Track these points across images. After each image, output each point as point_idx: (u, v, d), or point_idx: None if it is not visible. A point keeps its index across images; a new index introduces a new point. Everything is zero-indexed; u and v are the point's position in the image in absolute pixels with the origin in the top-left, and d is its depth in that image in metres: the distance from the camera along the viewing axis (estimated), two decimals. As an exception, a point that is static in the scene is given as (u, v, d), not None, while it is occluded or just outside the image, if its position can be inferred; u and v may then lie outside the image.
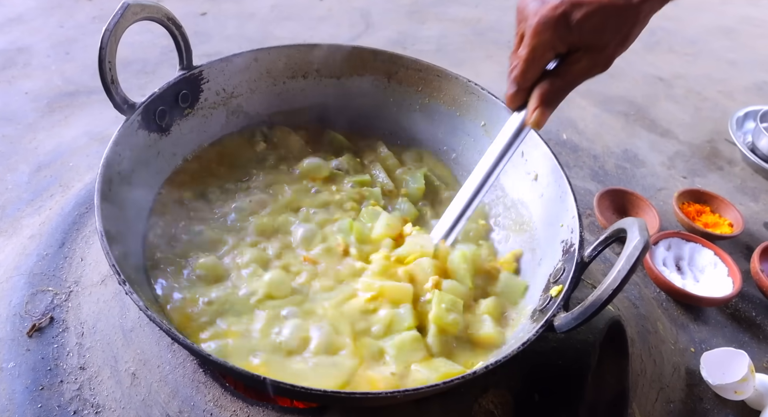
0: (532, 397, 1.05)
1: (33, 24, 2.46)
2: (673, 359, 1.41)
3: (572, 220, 1.04)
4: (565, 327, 0.86)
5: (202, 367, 1.02)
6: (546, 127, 2.07)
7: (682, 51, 2.98)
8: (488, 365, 0.82)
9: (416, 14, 3.01)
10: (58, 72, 2.15)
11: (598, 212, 1.72)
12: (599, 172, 2.04)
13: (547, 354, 1.08)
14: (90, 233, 1.30)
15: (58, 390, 1.05)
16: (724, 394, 1.36)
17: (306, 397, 0.89)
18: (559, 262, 1.03)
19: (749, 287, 1.64)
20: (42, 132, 1.84)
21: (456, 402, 1.01)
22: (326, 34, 2.52)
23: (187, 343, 0.78)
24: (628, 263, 0.79)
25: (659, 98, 2.56)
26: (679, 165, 2.16)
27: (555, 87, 0.95)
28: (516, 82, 0.96)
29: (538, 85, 0.97)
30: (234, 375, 0.89)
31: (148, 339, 1.06)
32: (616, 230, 0.91)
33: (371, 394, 0.82)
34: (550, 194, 1.15)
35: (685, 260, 1.65)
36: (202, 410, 0.97)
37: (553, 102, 0.98)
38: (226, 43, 2.39)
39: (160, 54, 2.34)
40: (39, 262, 1.25)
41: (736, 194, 2.05)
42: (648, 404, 1.29)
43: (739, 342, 1.52)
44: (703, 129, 2.38)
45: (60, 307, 1.17)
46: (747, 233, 1.85)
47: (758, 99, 2.62)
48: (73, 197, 1.41)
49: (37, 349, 1.10)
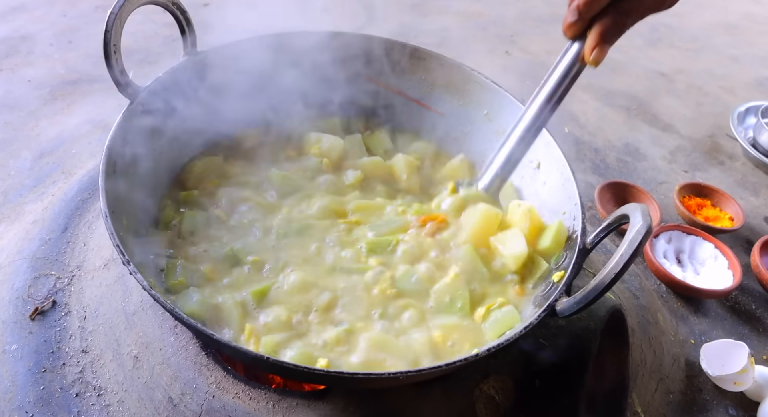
0: (533, 383, 1.05)
1: (36, 13, 2.46)
2: (673, 350, 1.42)
3: (574, 207, 1.05)
4: (567, 311, 0.86)
5: (204, 349, 1.02)
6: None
7: (683, 46, 2.98)
8: (490, 348, 0.83)
9: (419, 7, 3.00)
10: (60, 60, 2.15)
11: (600, 205, 1.73)
12: (600, 166, 2.04)
13: (548, 340, 1.08)
14: (93, 218, 1.30)
15: (61, 372, 1.06)
16: (724, 385, 1.37)
17: (310, 377, 0.90)
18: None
19: (749, 280, 1.65)
20: (44, 119, 1.84)
21: (457, 387, 1.01)
22: (329, 26, 2.51)
23: (190, 322, 0.78)
24: (631, 247, 0.79)
25: (661, 93, 2.56)
26: (680, 159, 2.16)
27: (618, 24, 0.89)
28: (578, 10, 0.89)
29: (599, 20, 0.90)
30: (237, 355, 0.89)
31: (150, 322, 1.06)
32: (619, 216, 0.91)
33: (374, 375, 0.83)
34: (553, 182, 1.16)
35: (686, 253, 1.66)
36: (204, 392, 0.97)
37: (613, 39, 0.91)
38: (229, 34, 2.39)
39: (162, 43, 2.34)
40: (42, 247, 1.25)
41: (737, 189, 2.05)
42: (648, 394, 1.30)
43: (738, 334, 1.53)
44: (704, 124, 2.39)
45: (62, 290, 1.17)
46: (747, 227, 1.85)
47: (759, 94, 2.63)
48: (76, 183, 1.41)
49: (40, 332, 1.11)
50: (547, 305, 0.88)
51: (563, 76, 1.02)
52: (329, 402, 0.96)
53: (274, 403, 0.96)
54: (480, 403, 1.00)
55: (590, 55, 0.92)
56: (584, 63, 0.96)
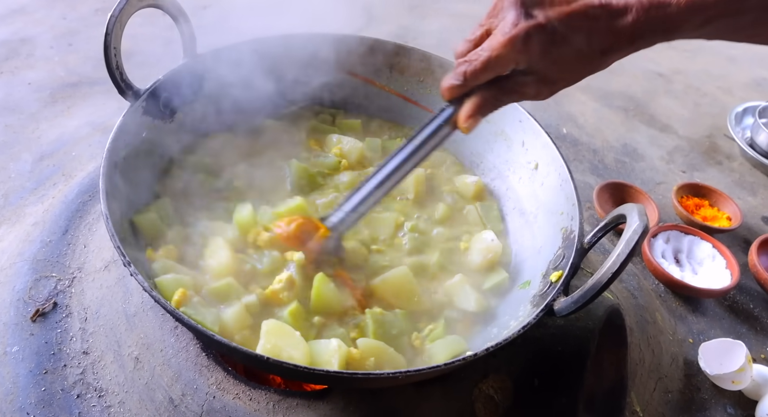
0: (531, 382, 1.06)
1: (36, 15, 2.46)
2: (672, 349, 1.42)
3: (572, 207, 1.05)
4: (564, 311, 0.87)
5: (205, 350, 1.03)
6: (546, 121, 2.08)
7: (681, 47, 2.98)
8: (489, 348, 0.83)
9: (417, 9, 3.01)
10: (60, 63, 2.16)
11: (598, 205, 1.73)
12: (599, 166, 2.05)
13: (546, 340, 1.09)
14: (93, 220, 1.31)
15: (62, 374, 1.06)
16: (722, 384, 1.37)
17: (309, 377, 0.91)
18: (559, 249, 1.04)
19: (747, 280, 1.65)
20: (45, 122, 1.85)
21: (456, 386, 1.02)
22: (327, 28, 2.52)
23: (191, 323, 0.79)
24: (628, 246, 0.80)
25: (658, 93, 2.57)
26: (678, 159, 2.17)
27: (497, 100, 0.88)
28: (465, 77, 0.86)
29: (480, 91, 0.88)
30: (238, 355, 0.90)
31: (151, 323, 1.07)
32: (616, 216, 0.92)
33: (373, 375, 0.83)
34: (551, 183, 1.16)
35: (684, 253, 1.66)
36: (204, 393, 0.98)
37: (488, 112, 0.90)
38: (228, 36, 2.39)
39: (162, 45, 2.34)
40: (42, 249, 1.26)
41: (735, 188, 2.06)
42: (646, 393, 1.31)
43: (736, 333, 1.53)
44: (702, 124, 2.40)
45: (63, 292, 1.18)
46: (745, 227, 1.86)
47: (757, 95, 2.63)
48: (76, 185, 1.41)
49: (41, 334, 1.11)
50: (545, 305, 0.89)
51: (431, 135, 0.97)
52: (329, 402, 0.97)
53: (275, 404, 0.97)
54: (479, 403, 1.01)
55: (464, 123, 0.90)
56: (455, 128, 0.94)
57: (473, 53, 0.85)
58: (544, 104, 2.21)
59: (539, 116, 1.24)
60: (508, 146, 1.30)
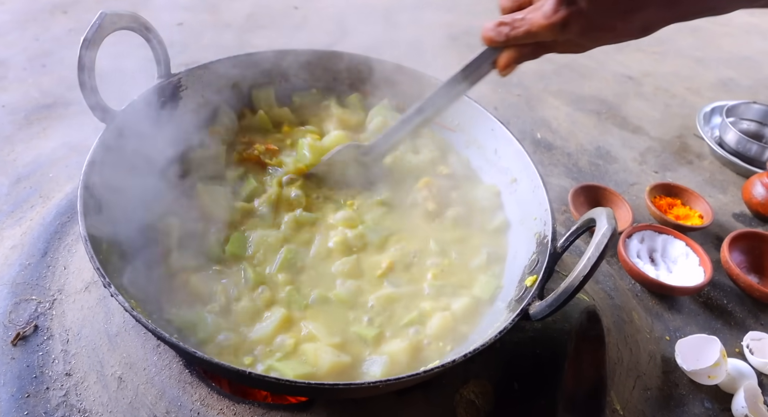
0: (511, 386, 1.08)
1: (8, 37, 2.45)
2: (649, 347, 1.45)
3: (545, 212, 1.08)
4: (540, 315, 0.89)
5: (188, 367, 1.03)
6: (520, 127, 2.11)
7: (650, 50, 3.05)
8: (467, 353, 0.85)
9: (391, 20, 3.04)
10: (35, 84, 2.15)
11: (573, 208, 1.77)
12: (573, 170, 2.09)
13: (524, 343, 1.11)
14: (72, 242, 1.31)
15: (45, 397, 1.06)
16: (698, 379, 1.41)
17: (290, 390, 0.92)
18: (533, 254, 1.06)
19: (720, 276, 1.69)
20: (20, 144, 1.84)
21: (438, 393, 1.03)
22: (303, 42, 2.55)
23: (173, 341, 0.80)
24: (597, 250, 0.83)
25: (629, 96, 2.63)
26: (650, 160, 2.22)
27: (534, 53, 0.95)
28: (506, 38, 0.91)
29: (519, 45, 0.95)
30: (221, 371, 0.91)
31: (133, 342, 1.07)
32: (586, 220, 0.94)
33: (353, 385, 0.85)
34: (524, 189, 1.19)
35: (658, 252, 1.70)
36: (189, 410, 0.99)
37: (526, 61, 0.97)
38: (203, 53, 2.40)
39: (137, 64, 2.34)
40: (21, 272, 1.25)
41: (706, 187, 2.11)
42: (626, 392, 1.33)
43: (711, 329, 1.57)
44: (672, 125, 2.45)
45: (44, 315, 1.18)
46: (717, 224, 1.91)
47: (724, 95, 2.70)
48: (54, 207, 1.41)
49: (22, 358, 1.11)
50: (521, 309, 0.91)
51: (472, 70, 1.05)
52: (313, 413, 0.98)
53: (259, 417, 0.98)
54: (461, 408, 1.03)
55: (503, 70, 0.98)
56: (494, 68, 1.01)
57: (516, 20, 0.89)
58: (517, 110, 2.26)
59: (513, 122, 1.27)
60: (481, 154, 1.33)
